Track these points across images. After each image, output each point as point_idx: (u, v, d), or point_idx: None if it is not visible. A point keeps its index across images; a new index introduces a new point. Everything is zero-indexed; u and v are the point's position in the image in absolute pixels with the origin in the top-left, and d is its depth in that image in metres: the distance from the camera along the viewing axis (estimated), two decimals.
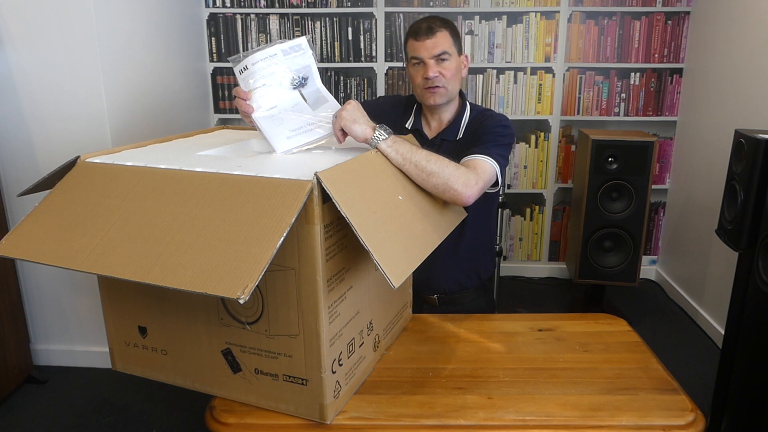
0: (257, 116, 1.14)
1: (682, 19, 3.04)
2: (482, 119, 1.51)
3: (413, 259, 0.99)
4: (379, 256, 0.88)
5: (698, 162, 2.90)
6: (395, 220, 1.01)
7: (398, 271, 0.91)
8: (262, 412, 1.02)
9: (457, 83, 1.51)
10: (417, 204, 1.14)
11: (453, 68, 1.47)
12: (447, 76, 1.46)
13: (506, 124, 1.48)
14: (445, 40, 1.46)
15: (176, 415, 2.08)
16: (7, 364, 2.15)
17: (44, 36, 2.07)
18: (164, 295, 1.05)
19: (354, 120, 1.13)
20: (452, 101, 1.54)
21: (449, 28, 1.48)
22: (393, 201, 1.05)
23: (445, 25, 1.47)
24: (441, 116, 1.56)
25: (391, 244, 0.94)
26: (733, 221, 1.69)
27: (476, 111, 1.56)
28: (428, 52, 1.44)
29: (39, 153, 2.20)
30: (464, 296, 1.60)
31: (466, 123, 1.53)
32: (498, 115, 1.51)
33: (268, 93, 1.14)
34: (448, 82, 1.47)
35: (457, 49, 1.49)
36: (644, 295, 3.15)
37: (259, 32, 3.15)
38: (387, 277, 0.87)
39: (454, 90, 1.51)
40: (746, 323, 1.64)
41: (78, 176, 1.05)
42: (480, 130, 1.47)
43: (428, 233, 1.11)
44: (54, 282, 2.33)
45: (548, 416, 1.01)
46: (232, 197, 0.89)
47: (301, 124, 1.15)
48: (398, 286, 0.88)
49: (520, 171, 3.26)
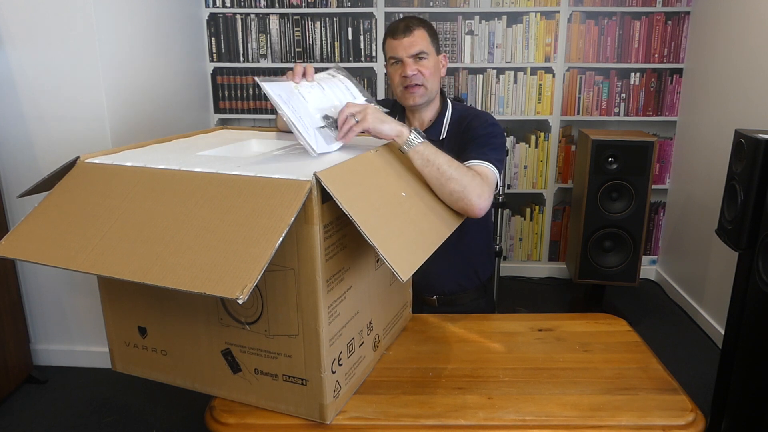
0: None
1: (682, 19, 3.04)
2: (468, 119, 1.50)
3: (421, 253, 0.99)
4: (385, 250, 0.87)
5: (698, 162, 2.90)
6: (400, 216, 1.01)
7: (405, 265, 0.91)
8: (262, 412, 1.02)
9: (436, 82, 1.51)
10: (423, 199, 1.14)
11: (431, 66, 1.48)
12: (425, 74, 1.46)
13: (493, 122, 1.48)
14: (422, 39, 1.46)
15: (176, 415, 2.08)
16: (7, 364, 2.16)
17: (44, 36, 2.07)
18: (164, 296, 1.05)
19: (382, 120, 1.13)
20: (432, 101, 1.54)
21: (426, 28, 1.49)
22: (396, 198, 1.05)
23: (423, 24, 1.48)
24: (422, 116, 1.56)
25: (396, 239, 0.94)
26: (733, 221, 1.69)
27: (458, 110, 1.56)
28: (406, 51, 1.45)
29: (39, 153, 2.20)
30: (464, 297, 1.60)
31: (448, 122, 1.53)
32: (483, 114, 1.51)
33: (318, 95, 1.17)
34: (427, 81, 1.47)
35: (435, 48, 1.50)
36: (644, 295, 3.15)
37: (259, 32, 3.15)
38: (394, 270, 0.87)
39: (434, 89, 1.51)
40: (746, 323, 1.64)
41: (78, 177, 1.05)
42: (469, 132, 1.46)
43: (435, 227, 1.10)
44: (54, 282, 2.33)
45: (548, 416, 1.01)
46: (232, 197, 0.89)
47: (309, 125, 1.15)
48: (406, 280, 0.88)
49: (520, 171, 3.26)
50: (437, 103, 1.56)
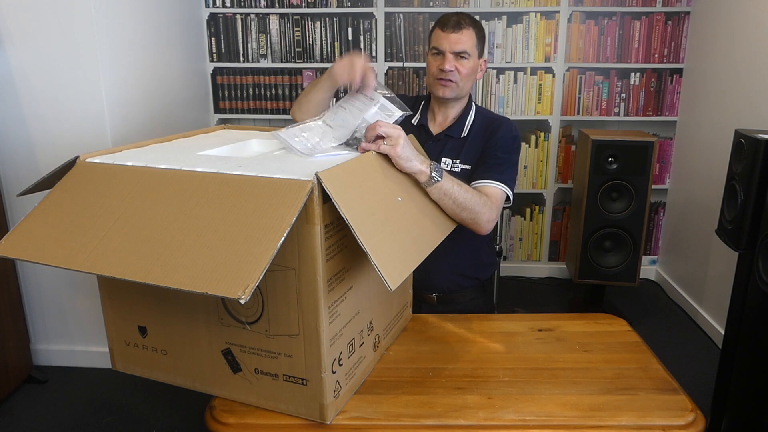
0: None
1: (682, 19, 3.04)
2: (494, 125, 1.52)
3: (411, 262, 0.99)
4: (377, 258, 0.88)
5: (698, 162, 2.90)
6: (394, 222, 1.01)
7: (395, 274, 0.91)
8: (262, 412, 1.02)
9: (470, 83, 1.53)
10: (417, 205, 1.14)
11: (470, 67, 1.49)
12: (462, 73, 1.48)
13: (516, 134, 1.52)
14: (469, 39, 1.47)
15: (176, 415, 2.08)
16: (7, 364, 2.15)
17: (44, 36, 2.07)
18: (164, 295, 1.05)
19: (408, 158, 1.12)
20: (461, 99, 1.56)
21: (476, 29, 1.50)
22: (392, 202, 1.06)
23: (474, 24, 1.49)
24: (447, 112, 1.57)
25: (389, 246, 0.94)
26: (733, 221, 1.69)
27: (482, 113, 1.58)
28: (450, 46, 1.46)
29: (39, 153, 2.20)
30: (463, 295, 1.60)
31: (471, 122, 1.55)
32: (508, 123, 1.53)
33: (340, 116, 1.18)
34: (461, 79, 1.49)
35: (478, 51, 1.51)
36: (644, 295, 3.15)
37: (259, 32, 3.15)
38: (384, 280, 0.87)
39: (465, 88, 1.52)
40: (746, 323, 1.64)
41: (77, 176, 1.05)
42: (493, 142, 1.49)
43: (426, 235, 1.11)
44: (54, 282, 2.33)
45: (548, 416, 1.01)
46: (233, 197, 0.89)
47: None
48: (395, 289, 0.89)
49: (520, 171, 3.26)
50: (464, 103, 1.58)
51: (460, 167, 1.50)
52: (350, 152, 1.11)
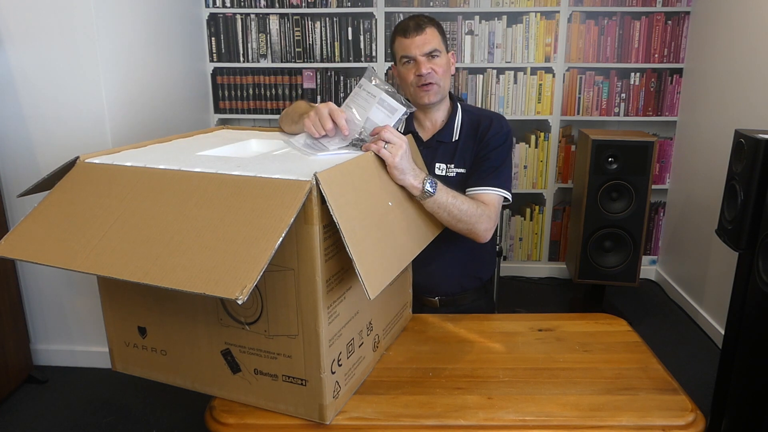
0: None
1: (682, 19, 3.04)
2: (484, 123, 1.50)
3: (390, 271, 1.00)
4: (361, 265, 0.88)
5: (698, 162, 2.90)
6: (381, 228, 1.01)
7: (376, 283, 0.91)
8: (262, 412, 1.02)
9: (449, 80, 1.51)
10: (405, 212, 1.14)
11: (444, 64, 1.47)
12: (439, 72, 1.46)
13: (508, 129, 1.50)
14: (434, 37, 1.46)
15: (176, 415, 2.08)
16: (7, 364, 2.16)
17: (44, 36, 2.07)
18: (164, 296, 1.05)
19: (403, 171, 1.12)
20: (444, 100, 1.53)
21: (437, 26, 1.48)
22: (383, 207, 1.06)
23: (433, 22, 1.48)
24: (434, 116, 1.54)
25: (373, 254, 0.94)
26: (733, 221, 1.69)
27: (469, 112, 1.55)
28: (419, 49, 1.44)
29: (39, 153, 2.20)
30: (465, 297, 1.60)
31: (459, 124, 1.53)
32: (498, 119, 1.51)
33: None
34: (441, 79, 1.47)
35: (445, 46, 1.49)
36: (644, 295, 3.15)
37: (259, 32, 3.15)
38: (365, 289, 0.88)
39: (446, 87, 1.50)
40: (746, 323, 1.64)
41: (77, 177, 1.05)
42: (485, 140, 1.47)
43: (409, 244, 1.11)
44: (54, 282, 2.33)
45: (548, 416, 1.01)
46: (231, 197, 0.89)
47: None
48: (374, 298, 0.89)
49: (520, 171, 3.26)
50: (447, 103, 1.56)
51: (455, 171, 1.49)
52: (351, 152, 1.11)
